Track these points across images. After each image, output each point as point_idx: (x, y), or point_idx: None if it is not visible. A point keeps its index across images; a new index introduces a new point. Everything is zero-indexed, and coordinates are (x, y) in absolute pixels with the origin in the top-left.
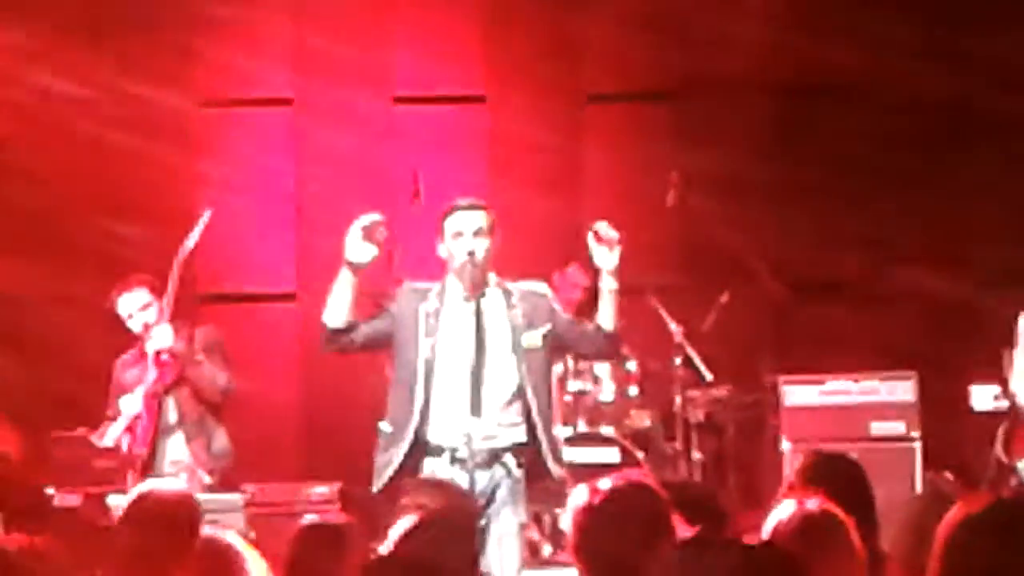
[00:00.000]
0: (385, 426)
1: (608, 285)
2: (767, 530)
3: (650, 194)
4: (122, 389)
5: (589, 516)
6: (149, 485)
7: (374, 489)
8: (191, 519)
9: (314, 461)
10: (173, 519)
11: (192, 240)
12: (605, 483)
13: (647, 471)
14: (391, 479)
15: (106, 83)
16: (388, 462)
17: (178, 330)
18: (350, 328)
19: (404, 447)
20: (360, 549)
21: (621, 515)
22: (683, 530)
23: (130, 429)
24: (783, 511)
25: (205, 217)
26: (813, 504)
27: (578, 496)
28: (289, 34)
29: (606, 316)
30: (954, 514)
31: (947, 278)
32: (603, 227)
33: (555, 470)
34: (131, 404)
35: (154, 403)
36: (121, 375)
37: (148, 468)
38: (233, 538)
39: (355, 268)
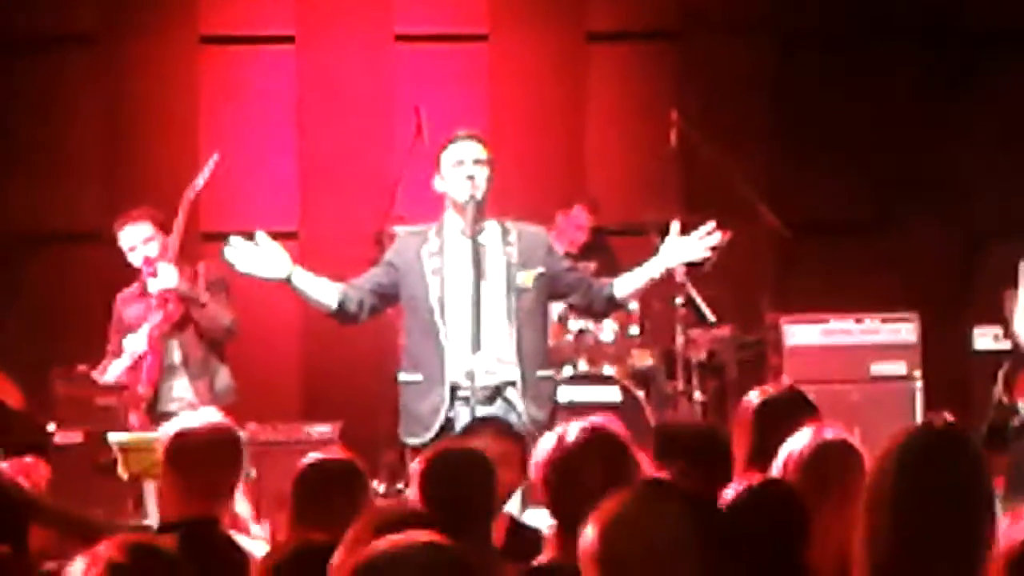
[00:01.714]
0: (410, 375)
1: (654, 271)
2: (780, 461)
3: (652, 133)
4: (123, 325)
5: (550, 469)
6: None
7: (421, 440)
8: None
9: (314, 401)
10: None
11: (200, 182)
12: (570, 430)
13: (615, 417)
14: (443, 427)
15: (109, 20)
16: (434, 409)
17: (182, 269)
18: (349, 302)
19: (445, 391)
20: (365, 486)
21: (579, 467)
22: (648, 471)
23: (134, 368)
24: (798, 440)
25: (212, 160)
26: (830, 433)
27: (542, 446)
28: None
29: (626, 288)
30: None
31: (950, 220)
32: (716, 235)
33: (533, 412)
34: (135, 343)
35: (159, 343)
36: (123, 310)
37: (152, 407)
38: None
39: (285, 281)
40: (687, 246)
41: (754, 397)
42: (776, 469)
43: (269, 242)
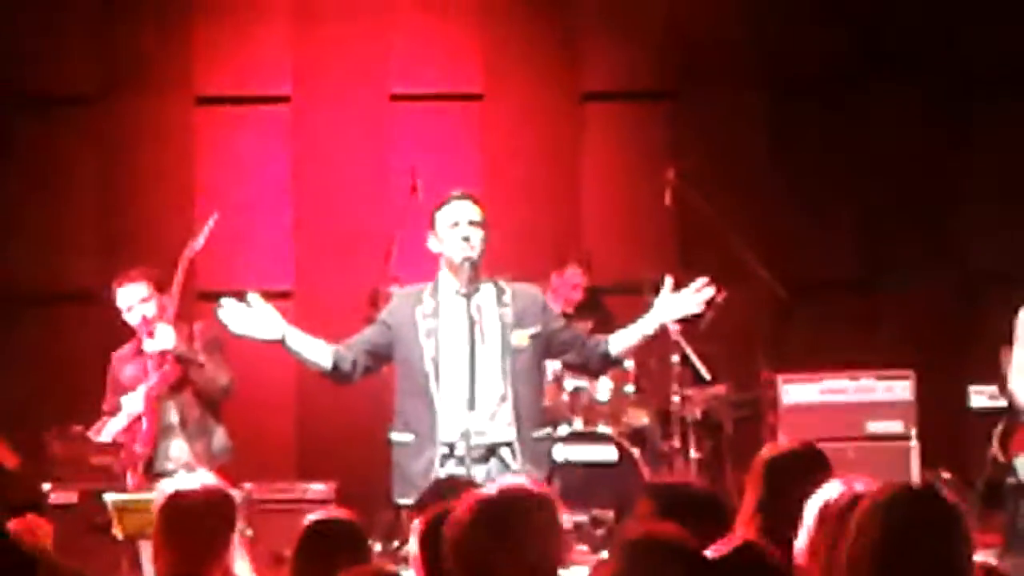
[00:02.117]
0: (402, 435)
1: (647, 328)
2: (812, 511)
3: (647, 192)
4: (119, 384)
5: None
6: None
7: (412, 500)
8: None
9: (308, 460)
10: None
11: (199, 241)
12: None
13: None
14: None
15: (104, 81)
16: (426, 470)
17: (179, 329)
18: (343, 362)
19: (437, 452)
20: (367, 546)
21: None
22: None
23: (130, 428)
24: (829, 491)
25: (211, 220)
26: (860, 485)
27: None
28: (287, 32)
29: (621, 344)
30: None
31: (944, 277)
32: (709, 290)
33: (528, 471)
34: (132, 403)
35: (156, 404)
36: (119, 370)
37: (148, 467)
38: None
39: (279, 342)
40: (681, 301)
41: (768, 449)
42: (809, 519)
43: (262, 303)
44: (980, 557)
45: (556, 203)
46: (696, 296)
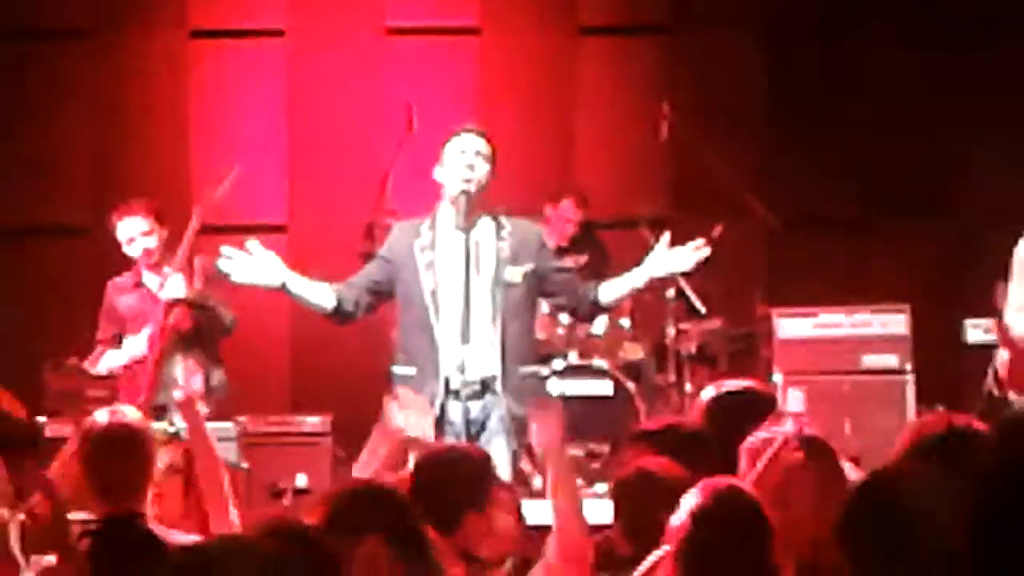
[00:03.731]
0: (404, 369)
1: (638, 281)
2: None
3: (642, 127)
4: (115, 313)
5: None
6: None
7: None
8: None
9: (303, 394)
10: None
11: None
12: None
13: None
14: (438, 420)
15: (99, 15)
16: (428, 402)
17: (181, 267)
18: (345, 302)
19: (439, 385)
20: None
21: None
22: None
23: (132, 374)
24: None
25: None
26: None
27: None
28: None
29: (611, 294)
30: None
31: (940, 211)
32: (705, 250)
33: (514, 409)
34: (135, 345)
35: (159, 351)
36: (115, 299)
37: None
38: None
39: (280, 288)
40: (674, 257)
41: (709, 392)
42: (743, 462)
43: (261, 250)
44: None
45: (552, 137)
46: (691, 254)
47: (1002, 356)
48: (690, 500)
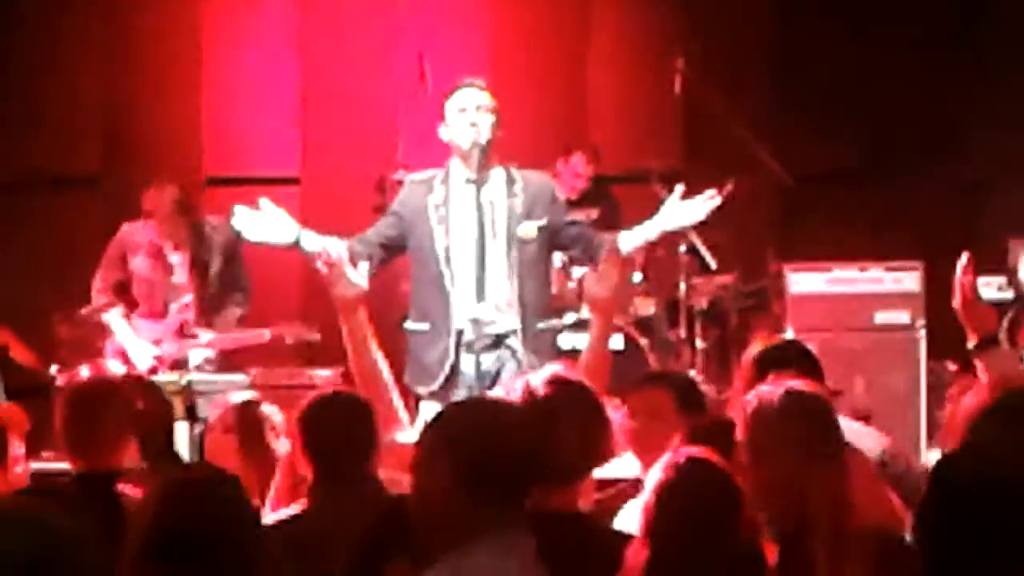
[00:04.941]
0: (417, 324)
1: (651, 233)
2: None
3: (655, 81)
4: (123, 264)
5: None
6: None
7: (429, 388)
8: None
9: (313, 347)
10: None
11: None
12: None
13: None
14: (449, 375)
15: None
16: (441, 359)
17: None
18: (358, 258)
19: (451, 341)
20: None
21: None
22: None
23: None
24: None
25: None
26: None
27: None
28: None
29: (626, 246)
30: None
31: (952, 167)
32: (716, 199)
33: (533, 363)
34: (142, 359)
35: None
36: (128, 246)
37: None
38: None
39: (293, 245)
40: (687, 210)
41: (757, 345)
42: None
43: (274, 208)
44: None
45: (564, 91)
46: (703, 205)
47: None
48: (654, 476)
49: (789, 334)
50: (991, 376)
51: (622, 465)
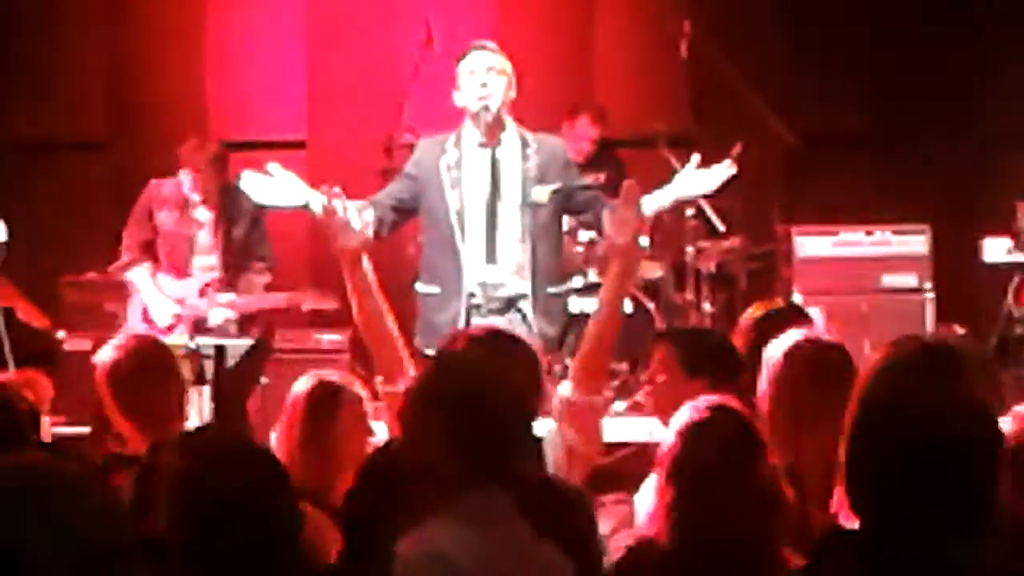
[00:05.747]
0: (428, 287)
1: (664, 201)
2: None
3: (662, 44)
4: (150, 221)
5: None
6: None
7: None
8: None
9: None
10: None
11: None
12: None
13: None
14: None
15: None
16: (452, 321)
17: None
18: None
19: (462, 304)
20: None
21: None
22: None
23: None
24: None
25: None
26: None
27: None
28: None
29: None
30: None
31: (959, 130)
32: (731, 169)
33: (544, 327)
34: (163, 314)
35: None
36: (155, 204)
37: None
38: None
39: (303, 208)
40: (701, 179)
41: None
42: (766, 368)
43: (283, 172)
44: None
45: (571, 54)
46: (719, 174)
47: None
48: (678, 419)
49: (796, 297)
50: None
51: (630, 429)
